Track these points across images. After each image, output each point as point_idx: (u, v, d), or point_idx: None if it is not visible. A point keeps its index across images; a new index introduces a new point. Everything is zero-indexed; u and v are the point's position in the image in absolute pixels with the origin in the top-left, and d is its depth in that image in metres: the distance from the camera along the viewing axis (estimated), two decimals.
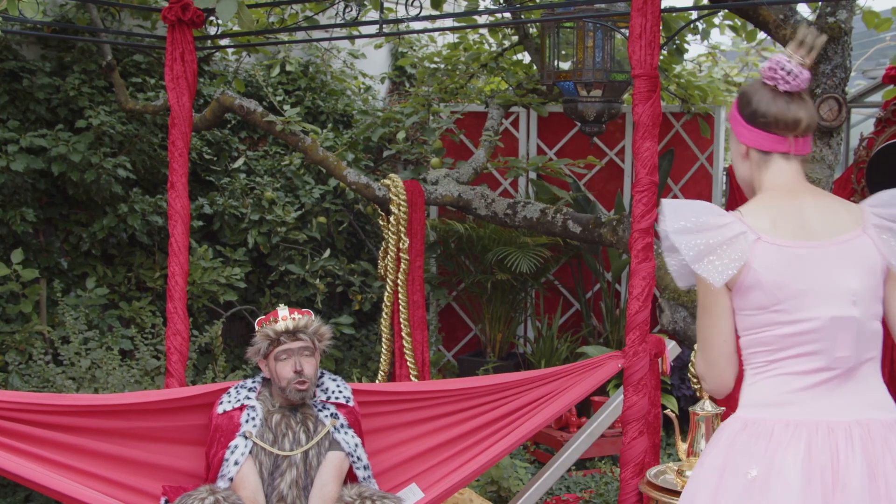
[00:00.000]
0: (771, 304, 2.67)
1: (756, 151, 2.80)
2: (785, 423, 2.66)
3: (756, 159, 2.81)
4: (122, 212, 6.54)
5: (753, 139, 2.78)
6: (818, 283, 2.68)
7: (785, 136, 2.75)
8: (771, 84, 2.72)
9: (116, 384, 5.53)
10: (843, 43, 4.61)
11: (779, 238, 2.69)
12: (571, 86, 5.95)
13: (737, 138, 2.83)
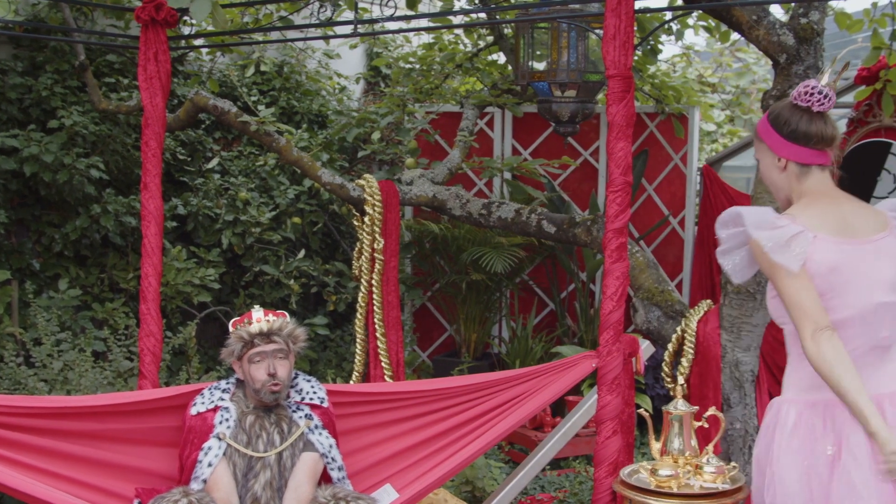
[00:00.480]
0: (825, 291, 3.10)
1: (795, 164, 3.24)
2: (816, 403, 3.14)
3: (795, 171, 3.25)
4: (94, 212, 6.50)
5: (795, 154, 3.23)
6: (863, 273, 3.14)
7: (823, 151, 3.23)
8: (805, 105, 3.20)
9: (89, 386, 5.51)
10: (815, 44, 4.62)
11: (830, 235, 3.14)
12: (546, 86, 5.96)
13: (775, 153, 3.26)
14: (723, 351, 4.66)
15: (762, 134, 3.32)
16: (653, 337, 5.10)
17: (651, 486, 3.26)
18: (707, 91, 10.72)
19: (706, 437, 3.91)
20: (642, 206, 8.10)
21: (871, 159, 7.20)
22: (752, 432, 4.65)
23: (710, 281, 7.79)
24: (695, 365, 4.71)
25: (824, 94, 3.20)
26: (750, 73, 11.11)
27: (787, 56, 4.59)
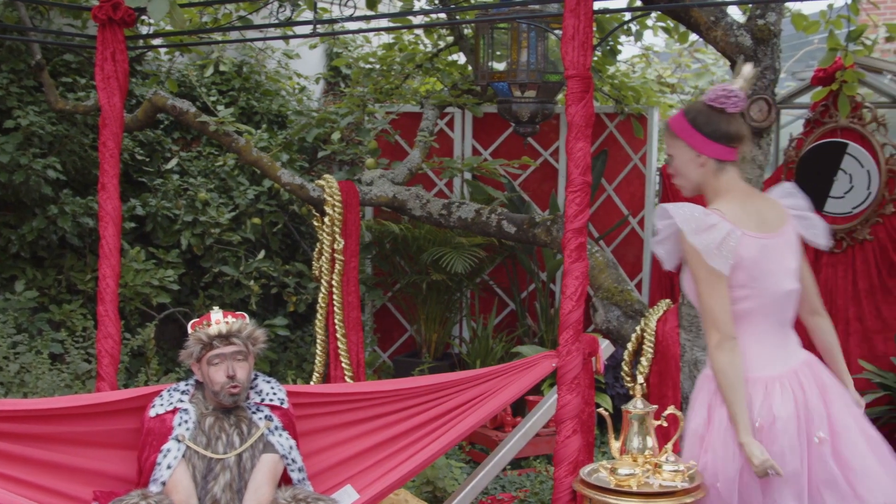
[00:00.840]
0: (747, 281, 3.47)
1: (714, 161, 3.56)
2: (773, 378, 3.50)
3: (713, 167, 3.57)
4: (52, 213, 6.45)
5: (715, 151, 3.54)
6: (776, 264, 3.53)
7: (737, 148, 3.56)
8: (720, 107, 3.52)
9: (46, 388, 5.46)
10: (772, 45, 4.66)
11: (752, 231, 3.49)
12: (506, 86, 5.97)
13: (696, 150, 3.55)
14: (682, 350, 4.69)
15: (680, 133, 3.58)
16: (612, 336, 5.12)
17: (611, 485, 3.28)
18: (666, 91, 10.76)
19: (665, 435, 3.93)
20: (602, 206, 8.14)
21: (827, 159, 7.26)
22: None
23: (669, 281, 7.83)
24: (654, 364, 4.74)
25: (738, 96, 3.53)
26: (709, 73, 11.17)
27: (745, 57, 4.63)
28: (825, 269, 7.45)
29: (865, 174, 7.19)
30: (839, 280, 7.43)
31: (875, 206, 7.24)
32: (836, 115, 7.19)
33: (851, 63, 5.79)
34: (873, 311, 7.38)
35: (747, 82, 3.61)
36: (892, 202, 7.23)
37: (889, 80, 7.52)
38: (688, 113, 3.60)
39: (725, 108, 3.54)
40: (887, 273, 7.34)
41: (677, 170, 3.67)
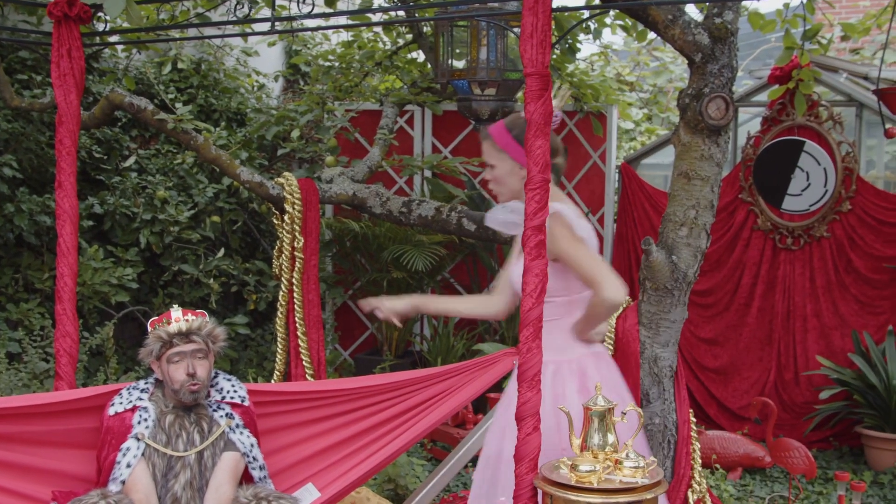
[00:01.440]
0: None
1: None
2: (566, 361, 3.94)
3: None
4: (8, 212, 6.39)
5: None
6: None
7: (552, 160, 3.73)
8: None
9: (4, 388, 5.41)
10: (729, 43, 4.68)
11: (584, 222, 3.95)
12: (466, 84, 5.97)
13: (518, 163, 3.87)
14: (642, 347, 4.71)
15: (505, 147, 3.89)
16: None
17: (572, 481, 3.29)
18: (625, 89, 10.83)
19: None
20: None
21: (784, 157, 7.34)
22: (672, 427, 4.71)
23: (629, 277, 7.86)
24: (614, 360, 4.76)
25: (556, 115, 3.81)
26: (667, 71, 11.24)
27: (703, 55, 4.65)
28: (783, 266, 7.53)
29: (822, 172, 7.26)
30: (797, 277, 7.51)
31: (832, 203, 7.32)
32: (793, 114, 7.27)
33: (808, 62, 5.84)
34: (830, 307, 7.46)
35: (561, 101, 3.92)
36: (849, 200, 7.31)
37: (845, 79, 7.60)
38: (511, 129, 3.89)
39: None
40: (844, 270, 7.42)
41: (498, 179, 3.95)
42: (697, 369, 7.68)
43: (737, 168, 7.60)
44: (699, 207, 4.71)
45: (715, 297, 7.67)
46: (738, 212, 7.59)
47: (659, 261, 4.65)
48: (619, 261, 8.01)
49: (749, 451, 6.65)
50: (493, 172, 3.96)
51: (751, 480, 6.62)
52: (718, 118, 4.65)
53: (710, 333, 7.68)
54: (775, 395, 7.41)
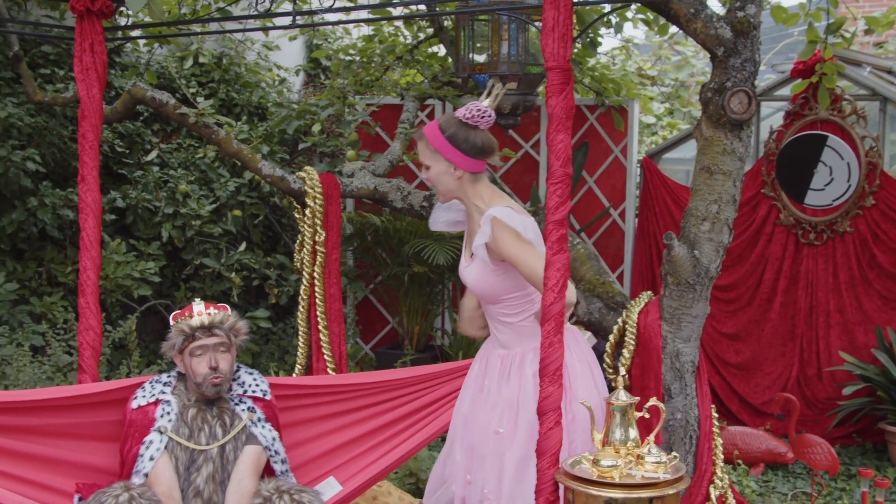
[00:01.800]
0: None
1: (469, 174, 3.94)
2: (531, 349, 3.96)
3: (469, 178, 3.96)
4: (31, 205, 6.42)
5: (471, 165, 3.91)
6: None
7: (487, 160, 3.95)
8: (473, 124, 3.87)
9: (28, 381, 5.44)
10: (752, 37, 4.66)
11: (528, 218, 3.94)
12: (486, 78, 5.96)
13: (453, 164, 3.90)
14: (663, 342, 4.70)
15: (439, 148, 3.90)
16: (594, 328, 5.13)
17: (593, 476, 3.28)
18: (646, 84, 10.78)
19: (647, 427, 3.94)
20: (583, 198, 8.15)
21: (807, 152, 7.30)
22: (693, 422, 4.70)
23: (650, 272, 7.86)
24: (636, 356, 4.75)
25: (489, 114, 3.88)
26: (689, 66, 11.20)
27: (725, 49, 4.63)
28: (806, 261, 7.50)
29: (845, 166, 7.22)
30: (819, 272, 7.47)
31: (855, 198, 7.28)
32: (816, 108, 7.23)
33: (831, 56, 5.81)
34: (854, 303, 7.42)
35: (495, 100, 3.94)
36: (872, 194, 7.27)
37: (868, 73, 7.56)
38: (444, 129, 3.90)
39: (479, 126, 3.89)
40: (867, 265, 7.37)
41: (433, 179, 4.00)
42: (719, 364, 7.65)
43: (759, 163, 7.56)
44: (721, 202, 4.69)
45: (737, 293, 7.64)
46: (760, 206, 7.56)
47: (681, 255, 4.63)
48: (641, 256, 7.99)
49: (771, 447, 6.62)
50: (429, 173, 4.00)
51: (773, 476, 6.60)
52: (741, 112, 4.62)
53: (733, 328, 7.66)
54: (798, 391, 7.38)
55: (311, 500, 3.95)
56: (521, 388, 3.96)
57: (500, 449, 3.94)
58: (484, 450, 3.98)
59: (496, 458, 3.94)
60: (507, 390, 3.98)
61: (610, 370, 4.95)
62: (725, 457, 6.36)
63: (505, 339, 4.07)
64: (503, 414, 3.97)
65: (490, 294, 4.00)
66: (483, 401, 4.06)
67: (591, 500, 3.24)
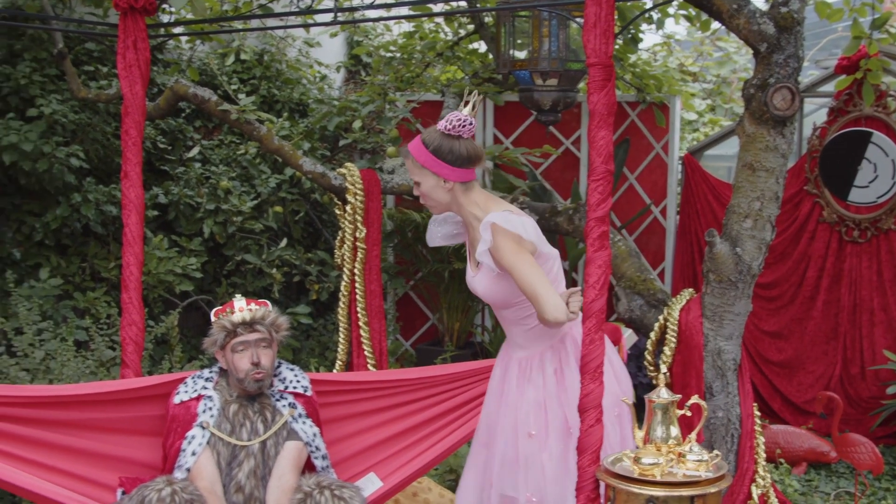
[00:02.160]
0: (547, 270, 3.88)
1: (460, 184, 3.90)
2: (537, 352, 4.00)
3: (460, 188, 3.92)
4: (75, 201, 6.47)
5: (460, 175, 3.88)
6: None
7: (475, 167, 3.91)
8: (456, 135, 3.85)
9: (71, 375, 5.48)
10: (795, 33, 4.62)
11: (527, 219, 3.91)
12: (527, 75, 5.96)
13: (442, 178, 3.87)
14: (705, 339, 4.67)
15: (426, 164, 3.87)
16: (635, 325, 5.12)
17: (634, 474, 3.27)
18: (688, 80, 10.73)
19: (689, 425, 3.92)
20: (624, 194, 8.12)
21: (851, 148, 7.24)
22: (735, 421, 4.67)
23: (692, 270, 7.82)
24: (677, 353, 4.73)
25: (470, 122, 3.85)
26: (731, 62, 11.13)
27: (768, 45, 4.59)
28: (849, 259, 7.44)
29: (890, 163, 7.16)
30: (863, 270, 7.41)
31: None
32: (861, 104, 7.16)
33: (876, 51, 5.75)
34: None
35: (474, 109, 3.91)
36: None
37: None
38: (428, 144, 3.88)
39: (462, 135, 3.86)
40: None
41: (425, 195, 3.96)
42: (761, 363, 7.60)
43: (802, 159, 7.51)
44: (764, 199, 4.65)
45: (779, 290, 7.58)
46: (803, 204, 7.50)
47: (723, 253, 4.61)
48: (682, 253, 7.95)
49: (814, 446, 6.57)
50: (420, 189, 3.97)
51: (816, 476, 6.55)
52: (784, 109, 4.59)
53: (775, 326, 7.60)
54: (841, 390, 7.32)
55: (351, 496, 3.96)
56: (546, 388, 3.96)
57: (535, 451, 3.93)
58: (516, 455, 3.97)
59: (534, 461, 3.93)
60: (530, 391, 3.98)
61: (650, 368, 4.93)
62: (767, 455, 6.31)
63: (522, 341, 4.05)
64: (530, 415, 3.96)
65: (501, 300, 3.98)
66: (505, 406, 4.06)
67: (632, 497, 3.23)
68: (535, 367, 4.00)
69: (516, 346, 4.08)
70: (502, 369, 4.13)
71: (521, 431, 3.95)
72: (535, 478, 3.92)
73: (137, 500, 3.79)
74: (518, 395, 3.99)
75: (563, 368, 3.98)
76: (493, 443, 4.06)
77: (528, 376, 4.01)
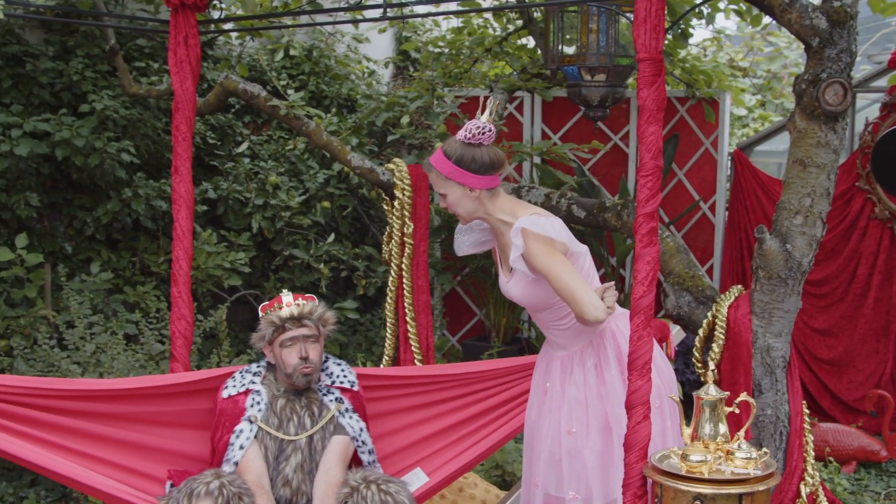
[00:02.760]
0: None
1: (486, 191, 3.92)
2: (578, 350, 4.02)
3: (486, 196, 3.94)
4: (126, 196, 6.53)
5: (485, 183, 3.90)
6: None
7: (500, 172, 3.94)
8: (476, 143, 3.87)
9: (121, 369, 5.54)
10: (848, 27, 4.57)
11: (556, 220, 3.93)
12: (575, 70, 5.94)
13: (468, 187, 3.89)
14: (754, 336, 4.64)
15: (451, 175, 3.89)
16: (683, 322, 5.09)
17: (682, 471, 3.25)
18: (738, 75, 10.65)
19: (737, 423, 3.90)
20: (672, 190, 8.07)
21: None
22: (784, 419, 4.64)
23: (741, 266, 7.76)
24: (726, 350, 4.70)
25: (489, 128, 3.87)
26: (781, 57, 11.03)
27: (820, 40, 4.55)
28: None
29: None
30: None
31: None
32: None
33: None
34: None
35: (493, 115, 3.93)
36: None
37: None
38: (450, 155, 3.90)
39: (482, 143, 3.89)
40: None
41: (452, 205, 3.98)
42: (811, 360, 7.53)
43: (854, 155, 7.42)
44: (815, 195, 4.62)
45: (830, 287, 7.51)
46: (854, 200, 7.42)
47: (773, 249, 4.57)
48: (731, 249, 7.89)
49: (864, 445, 6.50)
50: (447, 200, 3.99)
51: (866, 475, 6.48)
52: (836, 104, 4.54)
53: (825, 324, 7.53)
54: (892, 388, 7.23)
55: (398, 491, 3.96)
56: (587, 384, 3.98)
57: (576, 447, 3.93)
58: (559, 453, 3.99)
59: (576, 458, 3.93)
60: (571, 389, 4.00)
61: (699, 365, 4.90)
62: (817, 454, 6.26)
63: (562, 342, 4.08)
64: (572, 413, 3.98)
65: (538, 303, 4.00)
66: (548, 405, 4.08)
67: (679, 495, 3.21)
68: (575, 365, 4.03)
69: (556, 347, 4.11)
70: (544, 368, 4.16)
71: (563, 429, 3.95)
72: (576, 474, 3.92)
73: (186, 492, 3.82)
74: (560, 395, 4.02)
75: (602, 364, 4.00)
76: (536, 442, 4.06)
77: (569, 375, 4.03)
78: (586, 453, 3.92)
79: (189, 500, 3.79)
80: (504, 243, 4.04)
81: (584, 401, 3.97)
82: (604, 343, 4.01)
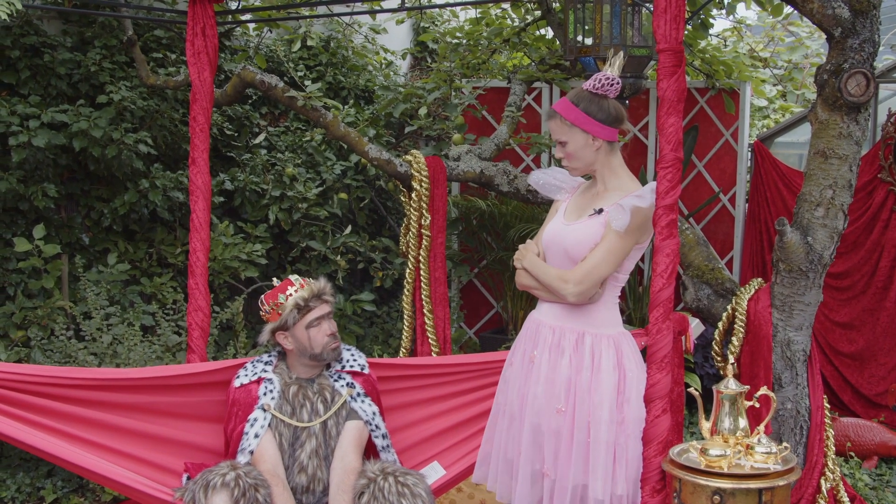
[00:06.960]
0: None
1: (607, 142, 3.87)
2: (605, 336, 3.88)
3: (607, 148, 3.88)
4: (143, 187, 6.53)
5: (609, 134, 3.85)
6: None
7: (621, 127, 3.90)
8: (603, 93, 3.83)
9: (138, 360, 5.54)
10: (871, 17, 4.52)
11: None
12: (592, 61, 5.90)
13: (592, 135, 3.83)
14: (774, 330, 4.60)
15: (577, 121, 3.83)
16: (703, 315, 5.05)
17: (701, 465, 3.23)
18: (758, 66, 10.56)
19: (757, 417, 3.86)
20: (692, 182, 8.02)
21: None
22: (804, 413, 4.60)
23: (761, 259, 7.71)
24: (745, 344, 4.66)
25: (617, 81, 3.84)
26: (803, 47, 10.93)
27: (842, 29, 4.50)
28: None
29: None
30: None
31: None
32: None
33: None
34: None
35: (618, 69, 3.89)
36: None
37: None
38: (578, 102, 3.85)
39: (608, 94, 3.84)
40: None
41: (572, 155, 3.89)
42: (832, 354, 7.48)
43: (876, 146, 7.36)
44: (836, 187, 4.57)
45: (851, 280, 7.45)
46: (876, 192, 7.36)
47: (793, 242, 4.53)
48: (751, 242, 7.84)
49: (886, 440, 6.46)
50: (567, 149, 3.90)
51: (887, 470, 6.43)
52: (858, 95, 4.49)
53: (846, 317, 7.47)
54: None
55: (415, 483, 3.96)
56: (578, 371, 3.85)
57: (558, 426, 3.84)
58: (545, 425, 3.88)
59: (555, 436, 3.86)
60: (563, 367, 3.86)
61: (718, 358, 4.86)
62: (837, 449, 6.22)
63: (564, 314, 3.94)
64: (561, 392, 3.86)
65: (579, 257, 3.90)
66: (536, 375, 3.94)
67: (698, 490, 3.18)
68: (570, 345, 3.90)
69: (551, 316, 3.98)
70: (530, 334, 4.06)
71: (553, 406, 3.85)
72: (552, 452, 3.84)
73: (202, 484, 3.82)
74: (550, 369, 3.90)
75: (599, 363, 3.87)
76: (528, 418, 3.96)
77: (560, 349, 3.91)
78: (564, 435, 3.81)
79: (205, 491, 3.80)
80: (597, 190, 3.97)
81: (574, 386, 3.85)
82: (603, 350, 3.89)
